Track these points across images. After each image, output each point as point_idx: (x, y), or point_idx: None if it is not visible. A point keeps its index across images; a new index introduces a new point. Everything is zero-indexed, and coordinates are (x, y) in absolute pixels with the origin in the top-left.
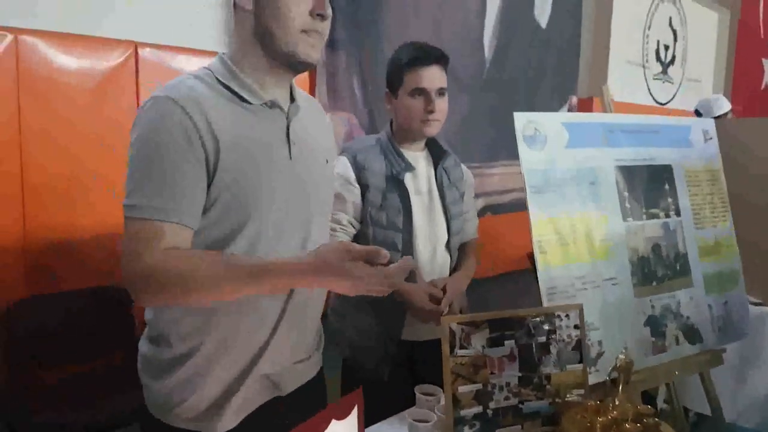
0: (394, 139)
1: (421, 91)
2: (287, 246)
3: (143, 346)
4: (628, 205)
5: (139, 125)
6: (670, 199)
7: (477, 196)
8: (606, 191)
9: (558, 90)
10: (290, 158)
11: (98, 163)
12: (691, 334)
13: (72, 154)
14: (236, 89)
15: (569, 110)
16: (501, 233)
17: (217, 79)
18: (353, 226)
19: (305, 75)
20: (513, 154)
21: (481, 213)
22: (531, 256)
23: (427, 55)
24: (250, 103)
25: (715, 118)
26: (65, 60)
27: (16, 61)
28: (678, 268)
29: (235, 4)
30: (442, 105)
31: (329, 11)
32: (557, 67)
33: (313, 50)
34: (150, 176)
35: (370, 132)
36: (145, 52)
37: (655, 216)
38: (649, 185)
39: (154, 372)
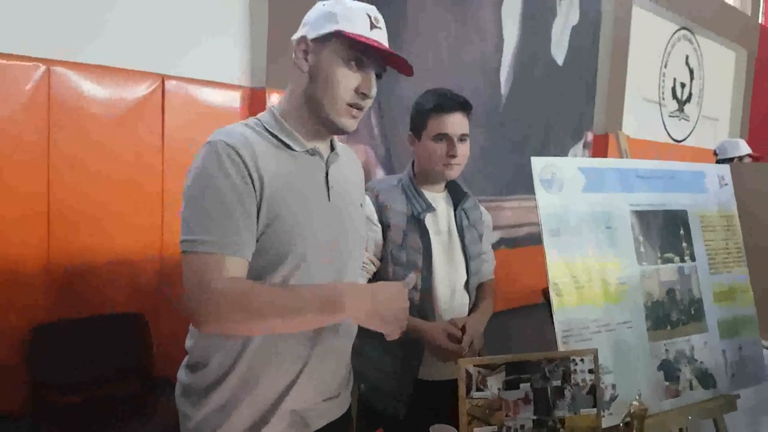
0: (415, 180)
1: (443, 137)
2: (320, 280)
3: (182, 374)
4: (643, 249)
5: (197, 167)
6: (684, 244)
7: (492, 229)
8: (621, 235)
9: (574, 126)
10: (329, 200)
11: (123, 191)
12: (705, 379)
13: (98, 180)
14: (282, 137)
15: (584, 146)
16: (516, 267)
17: (266, 128)
18: (374, 264)
19: None
20: (528, 189)
21: (496, 246)
22: (545, 292)
23: (451, 102)
24: (294, 150)
25: (732, 160)
26: (95, 90)
27: (48, 90)
28: (692, 312)
29: (295, 61)
30: (463, 150)
31: (374, 92)
32: (573, 103)
33: (353, 121)
34: (210, 213)
35: (386, 163)
36: (171, 84)
37: (669, 260)
38: (664, 230)
39: (192, 399)
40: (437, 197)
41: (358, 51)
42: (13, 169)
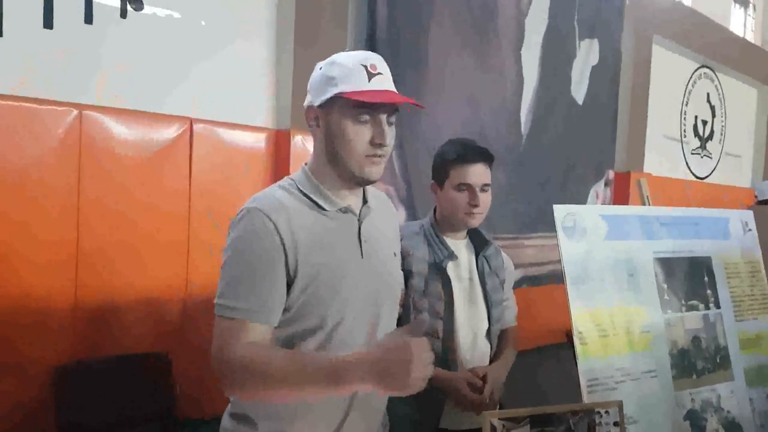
0: (437, 227)
1: (466, 186)
2: (357, 339)
3: (226, 421)
4: (667, 297)
5: (234, 234)
6: (709, 291)
7: (514, 268)
8: (645, 283)
9: (595, 164)
10: (362, 257)
11: (150, 232)
12: (733, 428)
13: (126, 222)
14: (315, 198)
15: (606, 184)
16: (538, 305)
17: (299, 188)
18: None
19: None
20: (550, 227)
21: (518, 284)
22: (569, 335)
23: (473, 153)
24: (326, 210)
25: None
26: (125, 134)
27: (80, 134)
28: (718, 360)
29: (308, 128)
30: (485, 199)
31: (389, 139)
32: (594, 141)
33: (376, 169)
34: (240, 280)
35: (408, 203)
36: (199, 127)
37: (694, 308)
38: (688, 277)
39: None
40: (459, 244)
41: (362, 106)
42: (44, 211)
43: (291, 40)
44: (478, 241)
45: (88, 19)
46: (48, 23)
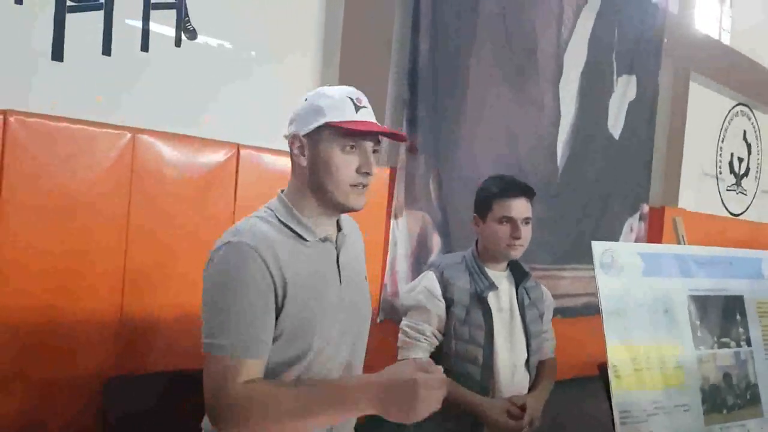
0: (479, 258)
1: (508, 220)
2: (337, 363)
3: None
4: (699, 333)
5: (218, 269)
6: (741, 329)
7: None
8: (679, 319)
9: (630, 198)
10: (340, 283)
11: (194, 254)
12: None
13: (174, 244)
14: (296, 229)
15: (641, 218)
16: (571, 337)
17: (279, 219)
18: (436, 338)
19: (386, 177)
20: (584, 259)
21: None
22: (602, 368)
23: (515, 187)
24: (307, 240)
25: None
26: (175, 157)
27: (132, 156)
28: (748, 397)
29: (291, 157)
30: (526, 232)
31: (374, 168)
32: (630, 176)
33: (360, 199)
34: (230, 317)
35: (443, 230)
36: (245, 153)
37: (726, 345)
38: (721, 315)
39: None
40: (500, 276)
41: (349, 136)
42: (96, 230)
43: (336, 70)
44: (519, 273)
45: (145, 47)
46: (107, 50)
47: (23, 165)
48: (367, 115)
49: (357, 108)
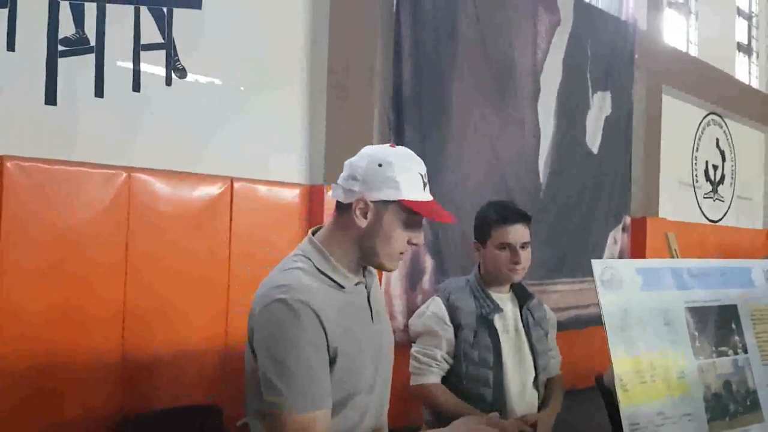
0: (482, 282)
1: (507, 245)
2: (374, 397)
3: None
4: (698, 343)
5: (274, 329)
6: (737, 337)
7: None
8: (678, 331)
9: (612, 211)
10: (372, 321)
11: (194, 287)
12: None
13: (172, 279)
14: (334, 278)
15: (623, 230)
16: (562, 350)
17: (317, 268)
18: (447, 362)
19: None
20: (571, 273)
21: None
22: (598, 379)
23: (513, 214)
24: (344, 287)
25: None
26: (170, 193)
27: (128, 194)
28: (748, 403)
29: (342, 208)
30: (525, 256)
31: (423, 241)
32: (610, 189)
33: (399, 264)
34: (295, 374)
35: (435, 251)
36: (239, 185)
37: (724, 354)
38: (717, 324)
39: None
40: (504, 298)
41: (417, 217)
42: (95, 269)
43: (323, 102)
44: (522, 295)
45: (136, 87)
46: (99, 92)
47: (21, 208)
48: (428, 193)
49: (424, 185)
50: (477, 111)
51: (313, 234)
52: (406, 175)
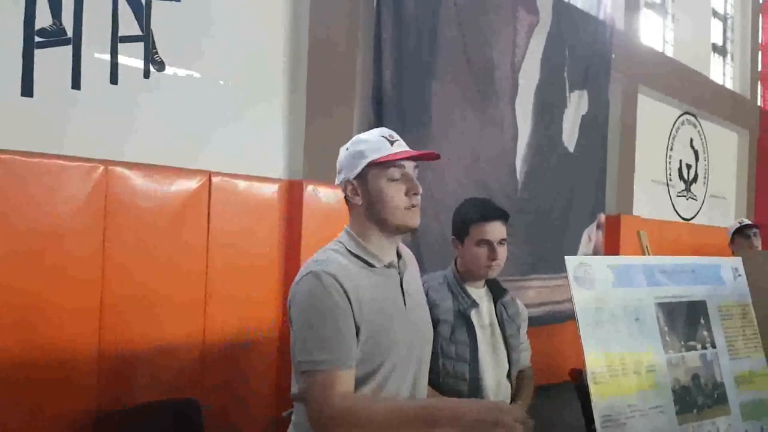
0: (459, 278)
1: (485, 242)
2: (403, 384)
3: None
4: (668, 338)
5: (305, 295)
6: (705, 332)
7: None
8: (649, 326)
9: (587, 209)
10: (405, 307)
11: (172, 281)
12: None
13: (149, 274)
14: (364, 257)
15: (598, 227)
16: (537, 345)
17: (349, 250)
18: None
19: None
20: (548, 269)
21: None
22: (573, 373)
23: (491, 211)
24: (375, 267)
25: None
26: (148, 187)
27: (106, 188)
28: (716, 396)
29: (346, 199)
30: (502, 253)
31: (420, 188)
32: (586, 187)
33: (415, 217)
34: (324, 335)
35: (413, 248)
36: (217, 180)
37: (693, 348)
38: (687, 320)
39: None
40: (480, 293)
41: (392, 166)
42: (71, 265)
43: (303, 98)
44: (496, 290)
45: (114, 79)
46: (76, 84)
47: None
48: (401, 147)
49: (391, 142)
50: (457, 111)
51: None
52: (368, 142)
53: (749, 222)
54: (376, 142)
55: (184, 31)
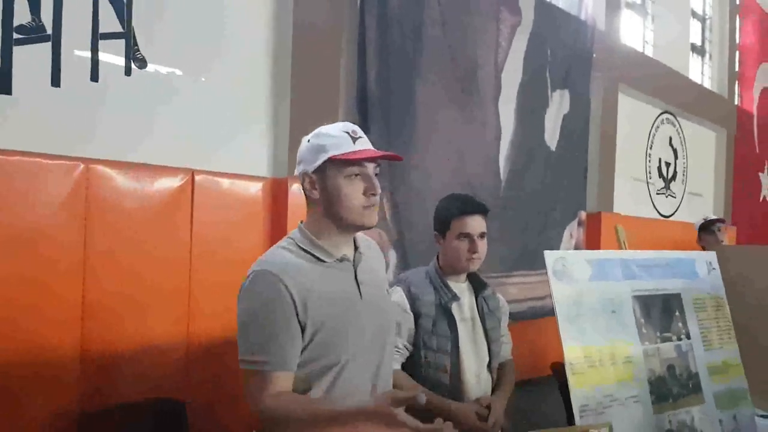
0: (441, 272)
1: (466, 236)
2: (365, 373)
3: None
4: (644, 330)
5: (245, 296)
6: (680, 324)
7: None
8: (625, 318)
9: (569, 206)
10: (361, 298)
11: (155, 281)
12: None
13: (131, 273)
14: (315, 253)
15: (579, 224)
16: (519, 340)
17: (300, 246)
18: (407, 350)
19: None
20: (529, 267)
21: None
22: (554, 366)
23: (471, 206)
24: (326, 261)
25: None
26: (129, 186)
27: (86, 187)
28: (691, 386)
29: (304, 192)
30: (483, 247)
31: (378, 188)
32: (568, 185)
33: (372, 217)
34: (261, 337)
35: (398, 246)
36: (200, 178)
37: (668, 339)
38: (662, 312)
39: None
40: (461, 287)
41: (352, 165)
42: (52, 264)
43: (288, 93)
44: (477, 284)
45: (94, 77)
46: (56, 82)
47: None
48: (363, 144)
49: (354, 139)
50: (441, 110)
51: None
52: (330, 137)
53: (714, 217)
54: (338, 137)
55: (166, 28)
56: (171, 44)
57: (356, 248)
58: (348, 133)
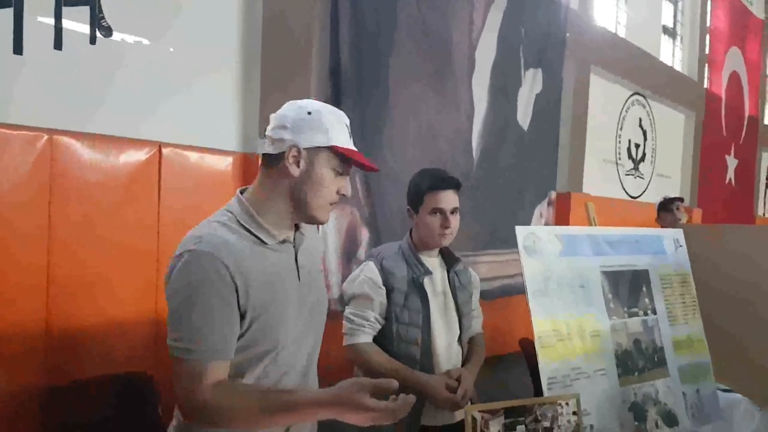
0: (414, 247)
1: (438, 211)
2: (301, 356)
3: None
4: (612, 305)
5: (180, 277)
6: (647, 300)
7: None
8: (594, 293)
9: (540, 186)
10: (299, 280)
11: (122, 255)
12: (669, 418)
13: (98, 247)
14: (257, 233)
15: (549, 204)
16: (489, 317)
17: (240, 222)
18: (379, 323)
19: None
20: (501, 245)
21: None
22: (522, 343)
23: (444, 181)
24: (267, 243)
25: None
26: (95, 158)
27: (50, 159)
28: (656, 360)
29: (271, 160)
30: (455, 222)
31: (350, 192)
32: (539, 165)
33: (329, 214)
34: (198, 323)
35: (371, 223)
36: (167, 151)
37: (635, 314)
38: (630, 287)
39: None
40: (433, 262)
41: (346, 162)
42: (15, 237)
43: (258, 67)
44: (449, 259)
45: (58, 45)
46: (18, 49)
47: None
48: (353, 141)
49: (349, 135)
50: (415, 88)
51: (242, 193)
52: (334, 123)
53: (673, 196)
54: (340, 127)
55: None
56: (138, 12)
57: (297, 228)
58: (346, 125)
